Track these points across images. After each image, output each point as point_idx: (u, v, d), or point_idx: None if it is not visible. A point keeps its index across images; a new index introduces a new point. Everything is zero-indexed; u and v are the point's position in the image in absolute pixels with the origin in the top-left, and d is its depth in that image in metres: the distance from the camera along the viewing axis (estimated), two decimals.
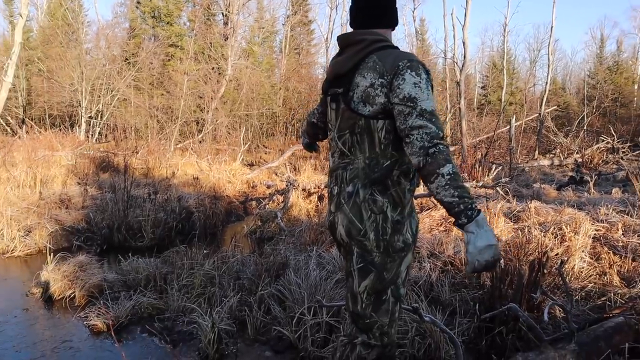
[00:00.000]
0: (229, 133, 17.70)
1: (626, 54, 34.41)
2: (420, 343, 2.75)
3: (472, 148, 14.03)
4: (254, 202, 8.50)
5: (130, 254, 4.38)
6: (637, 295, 3.27)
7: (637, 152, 13.06)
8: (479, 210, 1.50)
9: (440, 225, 5.11)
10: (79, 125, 18.18)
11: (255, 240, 6.05)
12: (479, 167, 8.91)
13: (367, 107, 1.64)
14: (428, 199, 5.93)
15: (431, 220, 5.19)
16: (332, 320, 2.89)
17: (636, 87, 30.33)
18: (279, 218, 6.24)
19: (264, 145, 19.46)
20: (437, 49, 31.02)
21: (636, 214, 5.09)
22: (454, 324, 2.94)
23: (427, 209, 5.72)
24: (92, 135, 18.27)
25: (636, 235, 4.48)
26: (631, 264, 4.00)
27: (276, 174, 11.00)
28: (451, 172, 1.48)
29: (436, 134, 1.52)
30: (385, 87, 1.59)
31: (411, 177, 1.72)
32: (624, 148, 14.01)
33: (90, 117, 18.51)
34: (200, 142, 15.79)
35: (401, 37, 32.43)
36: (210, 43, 21.21)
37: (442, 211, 5.41)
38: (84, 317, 3.40)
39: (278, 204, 7.53)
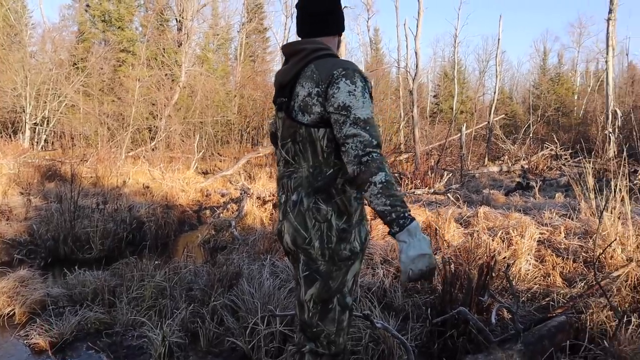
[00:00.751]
0: (183, 141, 17.37)
1: (566, 67, 36.52)
2: (374, 349, 2.77)
3: (425, 155, 14.38)
4: (208, 211, 8.38)
5: (77, 267, 4.20)
6: (577, 294, 3.43)
7: (577, 158, 13.73)
8: (412, 219, 1.49)
9: None
10: (22, 132, 17.34)
11: (208, 249, 5.94)
12: (431, 173, 9.12)
13: (305, 117, 1.64)
14: None
15: (384, 227, 5.25)
16: (286, 329, 2.88)
17: (576, 97, 32.02)
18: (233, 227, 6.16)
19: (218, 153, 19.21)
20: (391, 58, 31.68)
21: (576, 218, 5.35)
22: (407, 329, 2.99)
23: None
24: (37, 142, 17.47)
25: (577, 238, 4.70)
26: (572, 265, 4.19)
27: (231, 182, 10.88)
28: (384, 180, 1.47)
29: (369, 143, 1.52)
30: (321, 96, 1.60)
31: None
32: (566, 155, 14.70)
33: (35, 123, 17.70)
34: (153, 150, 15.43)
35: (355, 47, 33.06)
36: (164, 49, 20.82)
37: None
38: (24, 335, 3.23)
39: (232, 213, 7.45)
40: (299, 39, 1.83)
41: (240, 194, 7.90)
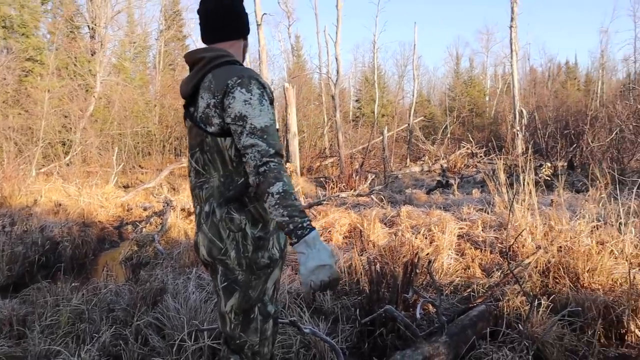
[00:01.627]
0: (101, 154, 16.51)
1: (477, 70, 38.92)
2: (306, 354, 2.77)
3: (349, 158, 14.68)
4: (129, 226, 8.00)
5: None
6: (495, 283, 3.63)
7: (490, 156, 14.60)
8: (311, 229, 1.47)
9: (321, 235, 5.24)
10: None
11: (131, 266, 5.66)
12: (356, 176, 9.32)
13: (208, 128, 1.61)
14: (308, 210, 6.06)
15: None
16: (214, 343, 2.79)
17: (487, 98, 34.22)
18: (157, 241, 5.93)
19: (140, 166, 18.43)
20: (313, 64, 31.96)
21: (492, 211, 5.68)
22: (337, 331, 3.02)
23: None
24: None
25: (492, 230, 4.99)
26: (490, 256, 4.44)
27: (154, 195, 10.47)
28: (281, 190, 1.45)
29: (266, 152, 1.49)
30: (218, 107, 1.57)
31: None
32: (481, 153, 15.60)
33: None
34: (67, 165, 14.51)
35: (277, 54, 33.07)
36: (76, 58, 19.66)
37: (323, 221, 5.56)
38: None
39: (156, 227, 7.17)
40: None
41: (164, 206, 7.63)
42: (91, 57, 19.98)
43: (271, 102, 1.60)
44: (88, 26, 21.57)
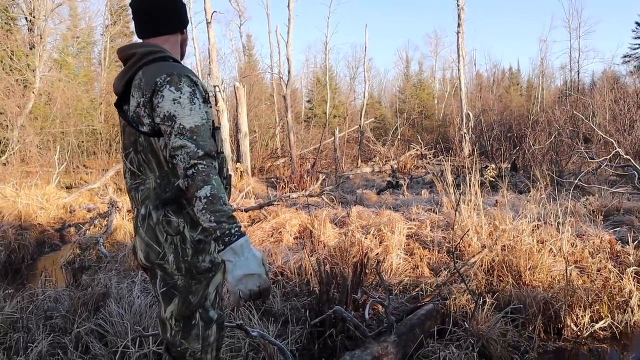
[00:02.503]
0: (41, 154, 15.70)
1: (426, 74, 39.87)
2: (255, 357, 2.73)
3: (301, 159, 14.68)
4: (72, 229, 7.63)
5: None
6: (442, 282, 3.72)
7: (439, 157, 14.99)
8: (240, 236, 1.39)
9: (271, 236, 5.20)
10: None
11: (72, 271, 5.40)
12: (307, 177, 9.33)
13: (140, 127, 1.55)
14: (259, 211, 6.00)
15: (262, 232, 5.24)
16: (160, 349, 2.70)
17: (436, 101, 35.15)
18: (101, 244, 5.69)
19: (84, 165, 17.69)
20: (264, 64, 31.74)
21: (440, 211, 5.81)
22: (287, 333, 2.99)
23: (258, 222, 5.77)
24: None
25: (440, 230, 5.11)
26: (438, 255, 4.54)
27: (99, 196, 10.06)
28: (208, 194, 1.37)
29: (195, 153, 1.41)
30: (147, 106, 1.50)
31: None
32: (430, 154, 15.99)
33: None
34: (4, 164, 13.71)
35: (228, 52, 32.63)
36: (12, 51, 18.61)
37: (274, 222, 5.51)
38: None
39: (100, 229, 6.89)
40: None
41: (109, 207, 7.34)
42: (30, 51, 18.96)
43: (205, 101, 1.54)
44: (26, 18, 20.46)
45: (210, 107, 1.62)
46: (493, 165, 10.40)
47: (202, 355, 1.66)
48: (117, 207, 7.08)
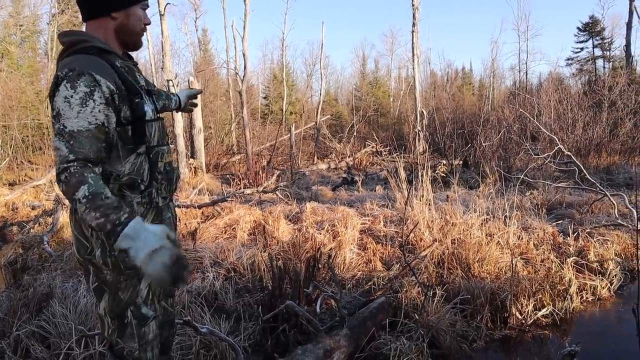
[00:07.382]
0: None
1: (382, 72, 40.44)
2: (206, 355, 2.69)
3: (257, 155, 14.55)
4: (15, 227, 7.26)
5: None
6: (394, 276, 3.77)
7: (394, 154, 15.22)
8: (130, 220, 1.31)
9: (225, 232, 5.12)
10: None
11: (12, 271, 5.14)
12: (263, 173, 9.26)
13: None
14: (212, 208, 5.90)
15: (215, 229, 5.16)
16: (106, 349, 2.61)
17: (392, 99, 35.67)
18: (46, 242, 5.44)
19: (29, 161, 16.85)
20: (220, 59, 31.25)
21: (393, 207, 5.90)
22: (240, 329, 2.96)
23: (211, 218, 5.68)
24: None
25: (393, 225, 5.18)
26: (390, 249, 4.61)
27: (45, 193, 9.63)
28: (87, 194, 1.30)
29: (65, 158, 1.33)
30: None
31: (142, 189, 1.59)
32: (385, 151, 16.21)
33: None
34: None
35: (183, 46, 31.92)
36: None
37: (227, 219, 5.43)
38: None
39: (45, 227, 6.59)
40: None
41: (55, 205, 7.02)
42: None
43: (107, 103, 1.43)
44: None
45: (144, 102, 1.56)
46: (445, 162, 10.65)
47: (141, 354, 1.62)
48: (64, 204, 6.78)
